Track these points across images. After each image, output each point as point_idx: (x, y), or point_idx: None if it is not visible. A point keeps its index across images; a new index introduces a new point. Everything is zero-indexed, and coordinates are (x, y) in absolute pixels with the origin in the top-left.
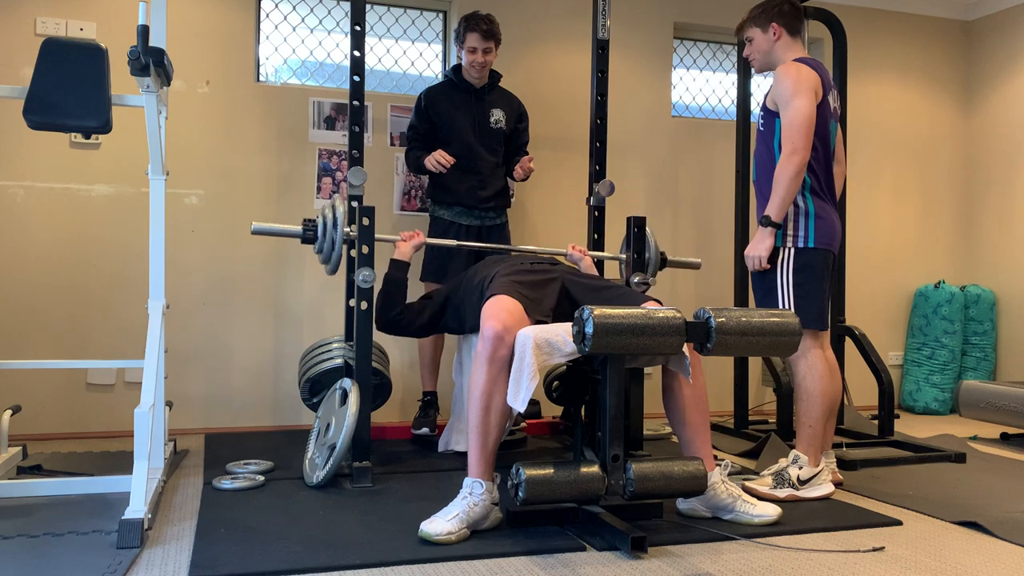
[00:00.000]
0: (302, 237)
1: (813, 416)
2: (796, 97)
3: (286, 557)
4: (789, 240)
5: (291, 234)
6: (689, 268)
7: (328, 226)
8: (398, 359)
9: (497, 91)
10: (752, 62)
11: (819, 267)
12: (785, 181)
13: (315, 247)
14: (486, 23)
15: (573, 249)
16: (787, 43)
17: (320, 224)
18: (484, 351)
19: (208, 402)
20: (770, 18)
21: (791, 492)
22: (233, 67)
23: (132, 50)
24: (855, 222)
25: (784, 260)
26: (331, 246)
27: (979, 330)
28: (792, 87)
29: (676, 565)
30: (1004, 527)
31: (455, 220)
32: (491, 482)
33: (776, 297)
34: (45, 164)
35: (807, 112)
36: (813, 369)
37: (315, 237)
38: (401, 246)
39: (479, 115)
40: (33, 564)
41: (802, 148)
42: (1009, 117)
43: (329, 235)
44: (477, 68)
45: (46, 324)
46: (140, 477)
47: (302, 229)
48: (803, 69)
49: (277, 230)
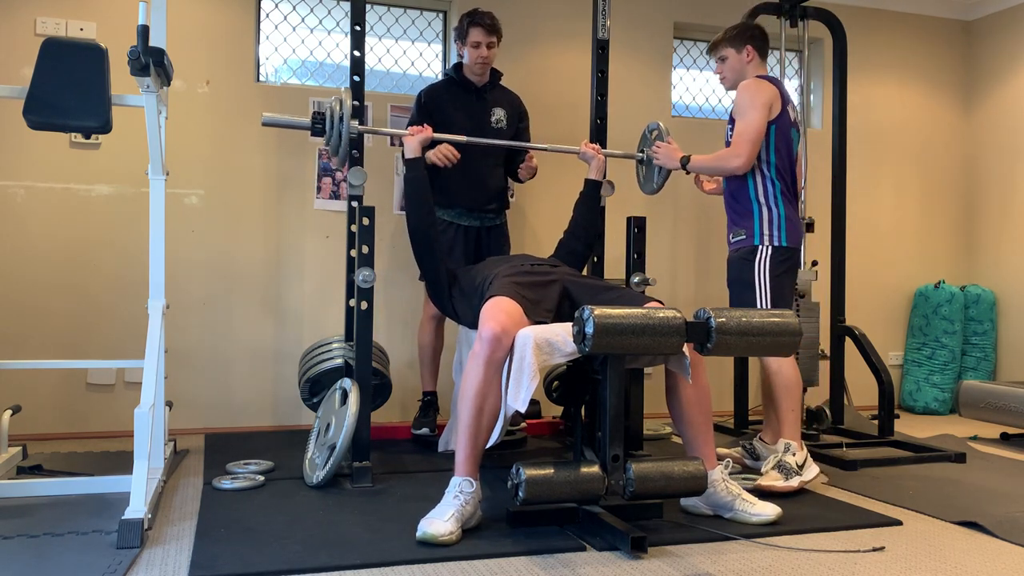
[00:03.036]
0: (311, 129)
1: (794, 402)
2: (751, 110)
3: (286, 557)
4: (765, 239)
5: (301, 126)
6: (707, 173)
7: (335, 119)
8: (398, 359)
9: (498, 89)
10: (723, 80)
11: (791, 263)
12: (718, 164)
13: (324, 139)
14: (489, 18)
15: (586, 146)
16: (757, 64)
17: (328, 117)
18: (482, 352)
19: (208, 402)
20: (745, 41)
21: (800, 480)
22: (233, 67)
23: (132, 50)
24: (855, 222)
25: (761, 258)
26: (338, 138)
27: (979, 330)
28: (748, 101)
29: (676, 565)
30: (1004, 527)
31: (454, 221)
32: (478, 481)
33: (754, 291)
34: (45, 164)
35: (757, 125)
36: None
37: (323, 130)
38: (408, 141)
39: (480, 115)
40: (33, 564)
41: (745, 155)
42: (1009, 117)
43: (336, 128)
44: (480, 64)
45: (46, 324)
46: (140, 477)
47: (311, 121)
48: (763, 84)
49: (287, 121)
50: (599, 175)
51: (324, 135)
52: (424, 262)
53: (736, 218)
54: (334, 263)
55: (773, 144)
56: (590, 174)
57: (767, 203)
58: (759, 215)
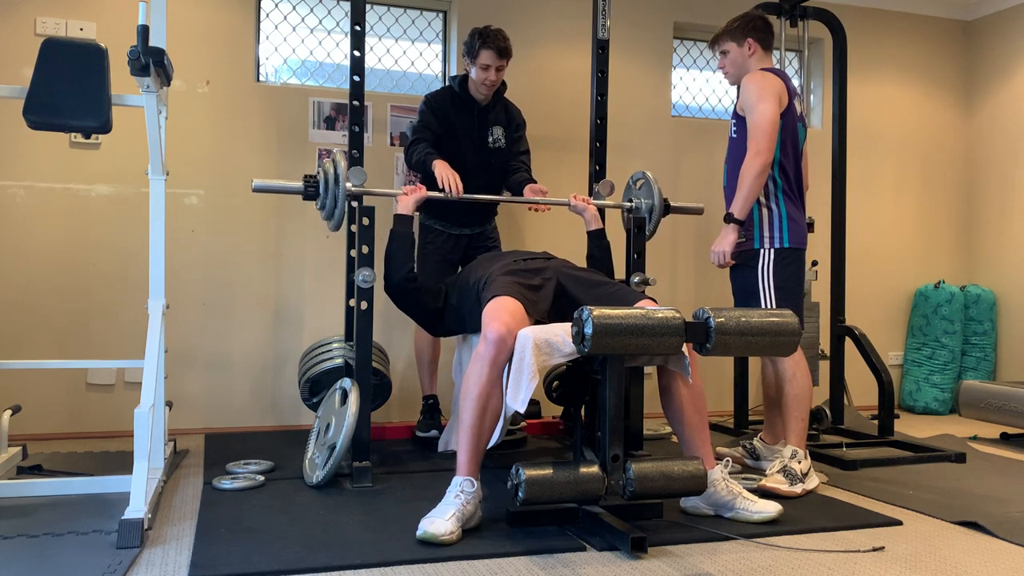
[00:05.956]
0: (304, 193)
1: (804, 411)
2: (761, 102)
3: (286, 557)
4: (766, 242)
5: (293, 191)
6: (692, 214)
7: (330, 182)
8: (398, 359)
9: (500, 105)
10: (726, 75)
11: (796, 266)
12: (749, 180)
13: (316, 204)
14: (502, 40)
15: (576, 199)
16: (760, 57)
17: (322, 180)
18: (487, 353)
19: (208, 402)
20: (746, 33)
21: (803, 486)
22: (233, 67)
23: (132, 50)
24: (855, 222)
25: (764, 262)
26: (333, 202)
27: (979, 330)
28: (757, 92)
29: (676, 565)
30: (1004, 527)
31: (445, 230)
32: (479, 481)
33: (758, 298)
34: (45, 164)
35: (771, 116)
36: (800, 366)
37: (316, 193)
38: (402, 199)
39: (479, 134)
40: (33, 564)
41: (766, 150)
42: (1009, 117)
43: (331, 191)
44: (488, 86)
45: (46, 324)
46: (140, 477)
47: (303, 185)
48: (768, 76)
49: (278, 187)
50: (597, 224)
51: (317, 199)
52: (411, 314)
53: None
54: (334, 263)
55: (779, 139)
56: (588, 227)
57: (767, 202)
58: (759, 215)
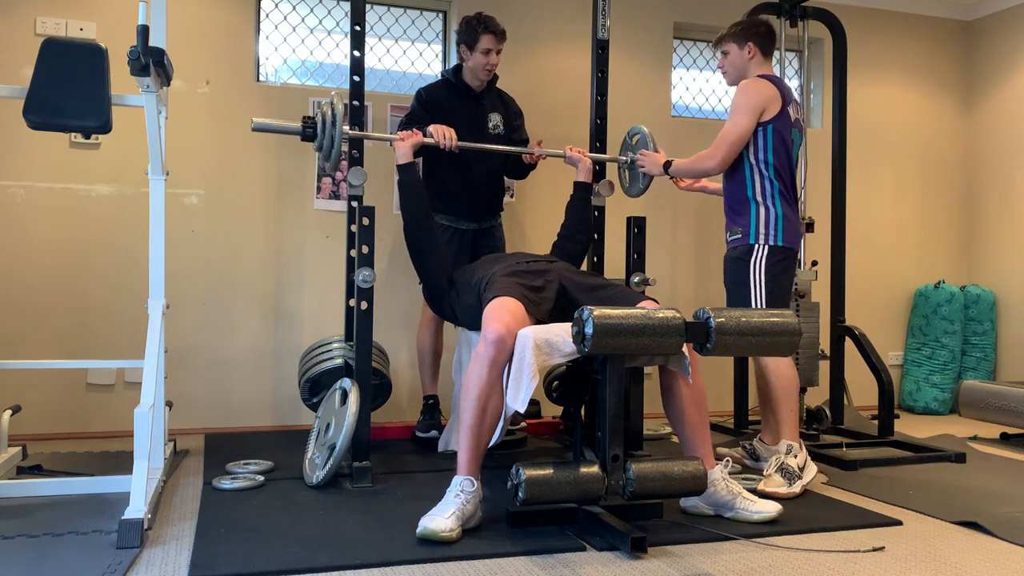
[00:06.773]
0: (301, 134)
1: (793, 402)
2: (737, 113)
3: (286, 557)
4: (761, 238)
5: (291, 131)
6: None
7: (327, 123)
8: (398, 359)
9: (494, 92)
10: (725, 75)
11: (787, 263)
12: (696, 168)
13: (314, 144)
14: (498, 23)
15: (571, 151)
16: (759, 62)
17: (319, 122)
18: (487, 354)
19: (208, 402)
20: (747, 37)
21: (802, 483)
22: (233, 67)
23: (132, 50)
24: (855, 222)
25: (757, 257)
26: (330, 143)
27: (979, 330)
28: (739, 104)
29: (676, 565)
30: (1004, 527)
31: (451, 224)
32: (479, 481)
33: (749, 290)
34: (45, 164)
35: (741, 129)
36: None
37: (315, 135)
38: (399, 145)
39: (477, 121)
40: (33, 564)
41: (720, 157)
42: (1009, 117)
43: (328, 132)
44: (489, 71)
45: (46, 324)
46: (140, 477)
47: (301, 126)
48: (761, 85)
49: (277, 126)
50: (587, 177)
51: (315, 140)
52: (422, 263)
53: (733, 216)
54: (334, 263)
55: (771, 144)
56: (578, 177)
57: (764, 202)
58: (756, 214)
